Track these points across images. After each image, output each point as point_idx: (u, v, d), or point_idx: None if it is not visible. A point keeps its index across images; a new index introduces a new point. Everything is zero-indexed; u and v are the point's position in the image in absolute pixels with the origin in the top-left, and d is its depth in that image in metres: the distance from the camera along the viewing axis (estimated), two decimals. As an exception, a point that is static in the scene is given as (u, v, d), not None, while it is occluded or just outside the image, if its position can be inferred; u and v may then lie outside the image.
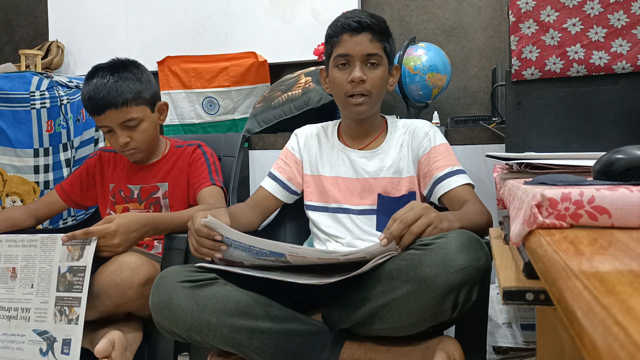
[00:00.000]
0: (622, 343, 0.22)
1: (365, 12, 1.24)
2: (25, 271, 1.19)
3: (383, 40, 1.23)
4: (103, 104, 1.31)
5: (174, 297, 0.96)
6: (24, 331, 1.16)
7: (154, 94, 1.42)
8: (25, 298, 1.17)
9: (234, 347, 0.95)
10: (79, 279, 1.12)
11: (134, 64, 1.40)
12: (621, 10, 1.25)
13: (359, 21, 1.20)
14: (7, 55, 2.79)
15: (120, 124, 1.34)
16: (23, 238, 1.21)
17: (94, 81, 1.33)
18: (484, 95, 2.15)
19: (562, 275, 0.34)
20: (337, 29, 1.23)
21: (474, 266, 0.86)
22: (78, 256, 1.14)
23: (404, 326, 0.91)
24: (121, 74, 1.34)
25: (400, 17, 2.25)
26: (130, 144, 1.36)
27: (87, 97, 1.33)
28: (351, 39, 1.21)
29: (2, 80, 1.73)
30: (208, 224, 1.00)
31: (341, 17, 1.24)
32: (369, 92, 1.23)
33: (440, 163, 1.24)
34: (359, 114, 1.26)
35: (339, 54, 1.23)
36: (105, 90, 1.31)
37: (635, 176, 0.55)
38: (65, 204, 1.52)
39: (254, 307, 0.96)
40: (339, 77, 1.24)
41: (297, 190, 1.37)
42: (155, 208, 1.44)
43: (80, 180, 1.51)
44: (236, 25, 2.38)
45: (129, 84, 1.33)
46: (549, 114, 1.34)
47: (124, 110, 1.32)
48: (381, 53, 1.23)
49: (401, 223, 0.93)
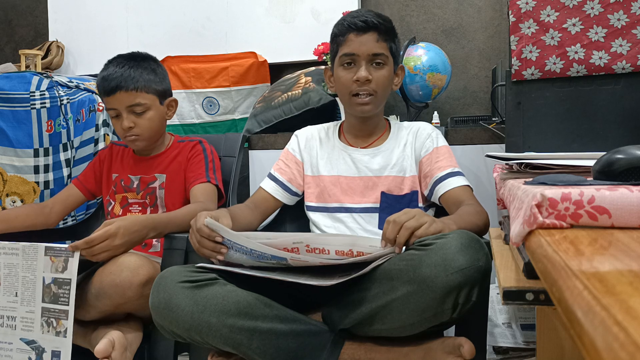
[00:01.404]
0: (622, 343, 0.22)
1: (371, 12, 1.24)
2: (9, 279, 1.17)
3: (389, 40, 1.23)
4: (114, 85, 1.36)
5: (174, 297, 0.96)
6: (11, 339, 1.15)
7: (166, 88, 1.47)
8: (10, 306, 1.17)
9: (233, 347, 0.95)
10: (64, 291, 1.11)
11: (152, 58, 1.47)
12: (621, 10, 1.25)
13: (365, 20, 1.20)
14: (7, 55, 2.79)
15: (127, 108, 1.38)
16: (4, 245, 1.19)
17: (111, 65, 1.40)
18: (484, 95, 2.15)
19: (562, 275, 0.34)
20: (344, 28, 1.23)
21: (474, 267, 0.86)
22: (62, 268, 1.12)
23: (404, 326, 0.91)
24: (139, 63, 1.41)
25: (400, 17, 2.25)
26: (134, 130, 1.40)
27: (101, 78, 1.40)
28: (357, 38, 1.21)
29: (2, 80, 1.73)
30: (209, 225, 1.00)
31: (347, 17, 1.24)
32: (375, 91, 1.23)
33: (442, 163, 1.25)
34: (363, 113, 1.27)
35: (345, 53, 1.23)
36: (119, 73, 1.37)
37: (635, 176, 0.55)
38: (82, 195, 1.55)
39: (254, 307, 0.96)
40: (344, 76, 1.24)
41: (297, 191, 1.37)
42: (151, 199, 1.46)
43: (94, 170, 1.56)
44: (236, 25, 2.38)
45: (142, 72, 1.40)
46: (549, 114, 1.34)
47: (133, 94, 1.37)
48: (387, 53, 1.23)
49: (395, 224, 0.93)
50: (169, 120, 1.51)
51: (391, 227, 0.93)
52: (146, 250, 1.43)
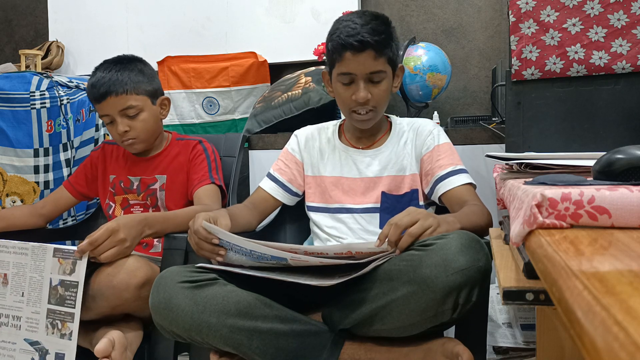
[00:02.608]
0: (622, 343, 0.22)
1: (365, 27, 1.15)
2: (17, 279, 1.17)
3: (387, 51, 1.18)
4: (104, 91, 1.35)
5: (174, 298, 0.96)
6: (15, 339, 1.15)
7: (156, 87, 1.45)
8: (16, 306, 1.16)
9: (234, 347, 0.95)
10: (71, 294, 1.10)
11: (139, 60, 1.45)
12: (621, 10, 1.25)
13: (361, 41, 1.14)
14: (7, 55, 2.79)
15: (120, 112, 1.37)
16: (15, 245, 1.19)
17: (99, 71, 1.39)
18: (484, 95, 2.15)
19: (562, 275, 0.34)
20: (338, 46, 1.17)
21: (474, 267, 0.86)
22: (70, 270, 1.11)
23: (404, 327, 0.91)
24: (125, 65, 1.39)
25: (400, 17, 2.25)
26: (129, 133, 1.39)
27: (90, 85, 1.39)
28: (354, 57, 1.16)
29: (2, 80, 1.73)
30: (207, 228, 1.00)
31: (342, 33, 1.16)
32: (374, 107, 1.22)
33: (443, 162, 1.24)
34: (363, 126, 1.27)
35: (342, 72, 1.19)
36: (106, 79, 1.36)
37: (635, 176, 0.55)
38: (72, 197, 1.54)
39: (254, 308, 0.96)
40: (343, 93, 1.22)
41: (298, 191, 1.37)
42: (152, 200, 1.45)
43: (85, 172, 1.55)
44: (236, 25, 2.38)
45: (130, 74, 1.38)
46: (549, 114, 1.34)
47: (124, 97, 1.36)
48: (385, 67, 1.19)
49: (397, 227, 0.93)
50: (165, 119, 1.50)
51: (392, 230, 0.93)
52: (147, 251, 1.43)
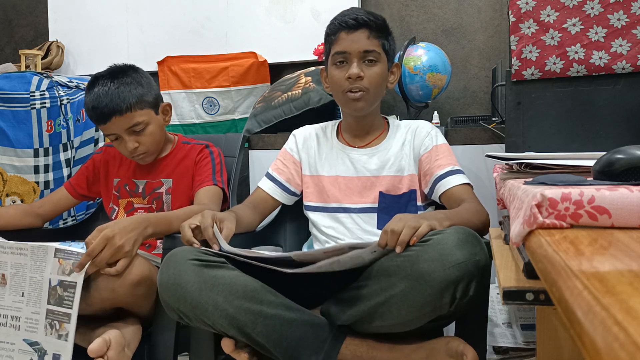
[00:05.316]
0: (622, 343, 0.22)
1: (362, 10, 1.24)
2: (16, 279, 1.16)
3: (381, 37, 1.23)
4: (107, 112, 1.30)
5: (184, 274, 0.96)
6: (14, 339, 1.14)
7: (156, 96, 1.42)
8: (16, 306, 1.16)
9: (238, 328, 0.96)
10: (69, 294, 1.10)
11: (132, 69, 1.40)
12: (621, 10, 1.25)
13: (355, 18, 1.21)
14: (7, 55, 2.79)
15: (127, 130, 1.34)
16: (12, 245, 1.17)
17: (95, 90, 1.33)
18: (484, 95, 2.15)
19: (562, 275, 0.34)
20: (335, 27, 1.24)
21: (471, 261, 0.87)
22: (69, 271, 1.10)
23: (403, 322, 0.92)
24: (121, 79, 1.34)
25: (400, 17, 2.25)
26: (139, 149, 1.36)
27: (90, 107, 1.33)
28: (348, 36, 1.21)
29: (2, 80, 1.73)
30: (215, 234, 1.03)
31: (339, 15, 1.25)
32: (367, 88, 1.22)
33: (442, 161, 1.25)
34: (357, 111, 1.26)
35: (337, 51, 1.23)
36: (107, 98, 1.30)
37: (635, 176, 0.55)
38: (72, 198, 1.53)
39: (261, 293, 0.98)
40: (337, 74, 1.24)
41: (296, 191, 1.37)
42: (157, 204, 1.44)
43: (87, 174, 1.54)
44: (236, 25, 2.38)
45: (130, 88, 1.33)
46: (549, 114, 1.34)
47: (129, 115, 1.32)
48: (379, 50, 1.22)
49: (394, 234, 0.93)
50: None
51: (390, 237, 0.94)
52: (150, 252, 1.43)
